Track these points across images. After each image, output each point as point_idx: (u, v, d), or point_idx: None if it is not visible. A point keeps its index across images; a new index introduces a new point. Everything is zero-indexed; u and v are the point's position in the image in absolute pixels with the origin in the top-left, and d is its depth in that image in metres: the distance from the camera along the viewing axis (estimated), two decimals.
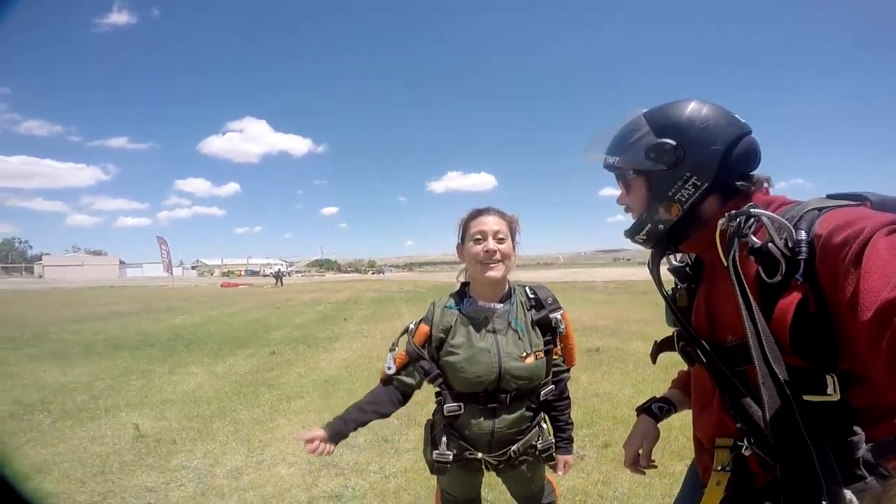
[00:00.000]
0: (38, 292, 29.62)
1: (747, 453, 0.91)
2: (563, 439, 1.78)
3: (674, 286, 1.13)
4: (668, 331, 1.17)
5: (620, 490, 3.00)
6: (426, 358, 1.63)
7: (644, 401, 1.36)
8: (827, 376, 0.77)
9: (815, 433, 0.74)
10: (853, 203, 0.85)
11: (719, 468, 0.97)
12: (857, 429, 0.78)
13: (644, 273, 1.27)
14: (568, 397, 1.82)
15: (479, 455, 1.63)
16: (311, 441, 1.54)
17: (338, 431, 1.59)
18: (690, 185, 0.96)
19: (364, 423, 1.65)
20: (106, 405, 5.15)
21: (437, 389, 1.68)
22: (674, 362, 1.20)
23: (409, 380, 1.67)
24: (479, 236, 1.60)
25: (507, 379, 1.57)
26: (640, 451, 1.29)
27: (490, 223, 1.61)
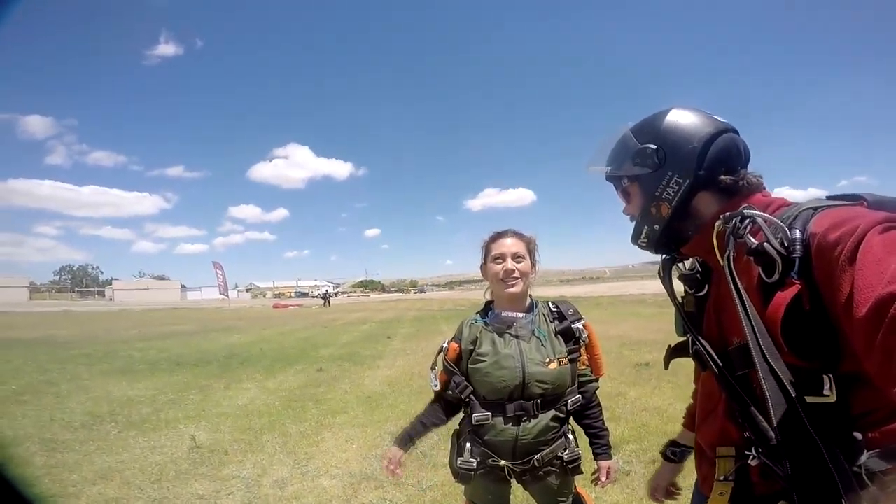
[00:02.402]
0: (108, 314, 31.86)
1: (754, 463, 0.89)
2: (602, 445, 1.78)
3: (684, 293, 1.14)
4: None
5: None
6: (457, 373, 1.74)
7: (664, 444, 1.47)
8: (823, 376, 0.76)
9: (824, 432, 0.73)
10: (849, 203, 0.85)
11: (722, 478, 0.96)
12: (857, 434, 0.75)
13: None
14: (598, 404, 1.83)
15: (502, 463, 1.65)
16: (391, 463, 1.76)
17: (406, 442, 1.80)
18: (674, 184, 1.00)
19: (425, 433, 1.83)
20: (167, 417, 5.49)
21: (466, 400, 1.72)
22: None
23: (452, 394, 1.77)
24: (499, 257, 1.73)
25: (532, 384, 1.62)
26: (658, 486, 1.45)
27: (508, 245, 1.74)
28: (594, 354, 1.80)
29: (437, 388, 1.80)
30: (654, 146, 1.02)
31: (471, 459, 1.68)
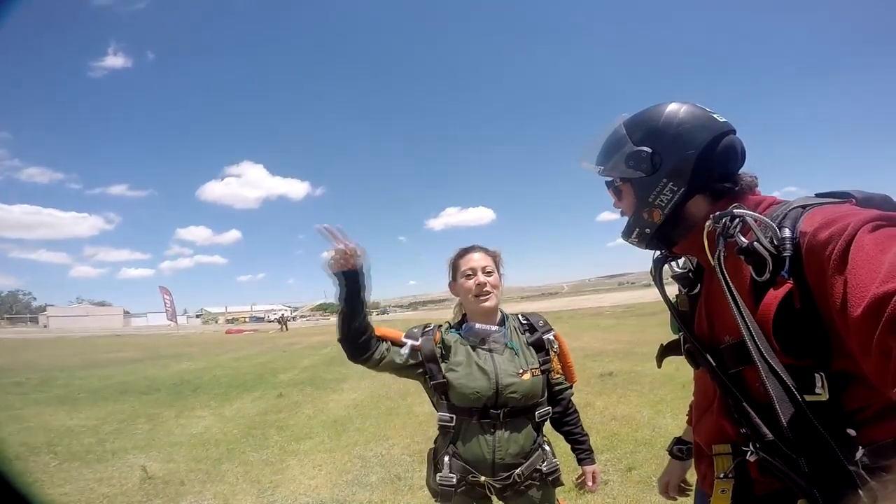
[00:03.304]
0: (44, 340, 29.54)
1: (752, 459, 0.88)
2: (584, 450, 1.81)
3: (677, 292, 1.14)
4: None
5: None
6: (437, 363, 1.68)
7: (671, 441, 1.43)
8: (815, 375, 0.76)
9: (831, 427, 0.73)
10: (838, 201, 0.85)
11: (721, 476, 0.95)
12: (850, 431, 0.75)
13: (652, 294, 1.30)
14: (575, 411, 1.86)
15: (482, 478, 1.62)
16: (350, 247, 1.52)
17: (360, 272, 1.57)
18: (668, 191, 0.98)
19: (364, 298, 1.59)
20: (113, 448, 5.07)
21: (435, 400, 1.70)
22: (691, 380, 1.21)
23: (397, 358, 1.67)
24: (470, 272, 1.74)
25: (505, 395, 1.62)
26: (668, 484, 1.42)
27: (477, 259, 1.76)
28: (566, 363, 1.83)
29: (406, 353, 1.68)
30: (649, 150, 0.99)
31: (451, 475, 1.63)
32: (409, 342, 1.69)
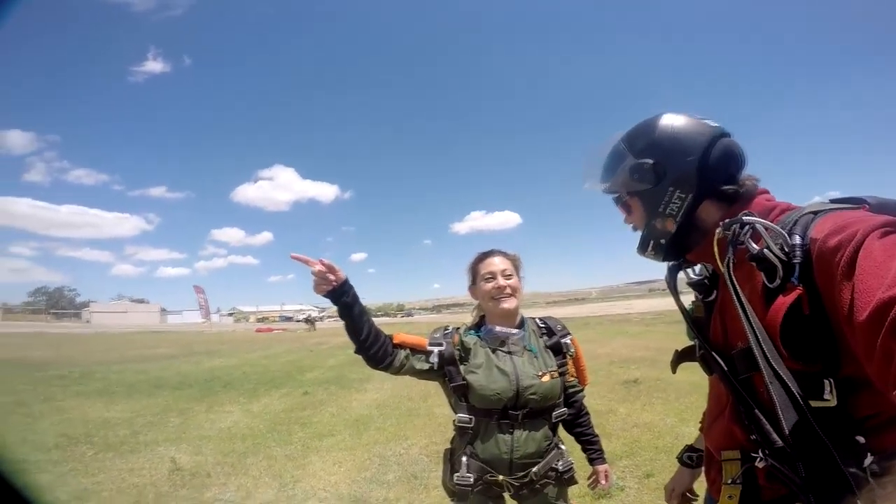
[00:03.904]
0: (85, 336, 30.91)
1: (761, 465, 0.88)
2: (596, 450, 1.85)
3: (693, 299, 1.14)
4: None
5: None
6: (456, 366, 1.68)
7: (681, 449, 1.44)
8: (824, 381, 0.75)
9: (828, 435, 0.73)
10: (851, 207, 0.85)
11: (729, 481, 0.95)
12: (859, 438, 0.75)
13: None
14: (587, 413, 1.90)
15: (500, 477, 1.63)
16: (321, 269, 1.52)
17: (345, 289, 1.56)
18: (676, 199, 0.99)
19: (359, 311, 1.59)
20: (146, 440, 5.28)
21: (454, 402, 1.70)
22: None
23: (418, 364, 1.67)
24: (489, 276, 1.75)
25: (525, 397, 1.64)
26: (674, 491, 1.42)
27: (497, 263, 1.78)
28: (580, 366, 1.88)
29: (433, 361, 1.68)
30: (651, 161, 1.00)
31: (468, 475, 1.64)
32: (436, 349, 1.69)
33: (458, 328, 1.82)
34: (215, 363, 13.60)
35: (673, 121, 1.01)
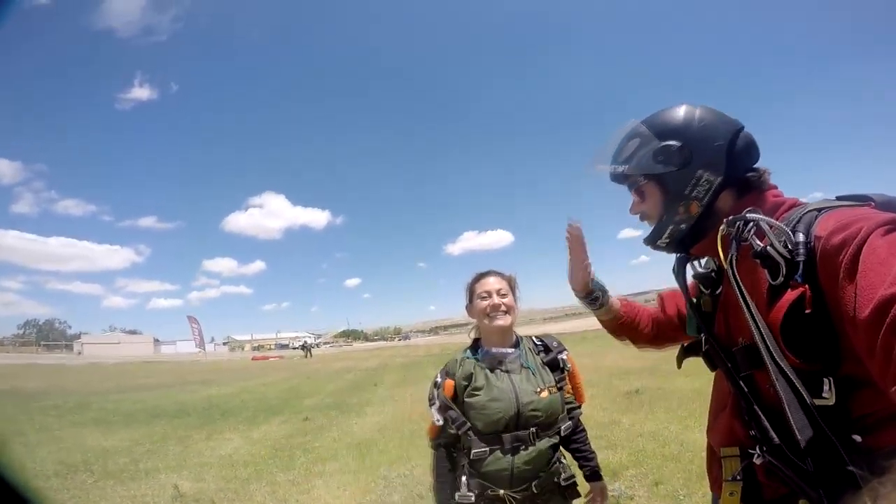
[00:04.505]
0: (79, 367, 30.40)
1: (758, 461, 0.87)
2: (592, 467, 1.84)
3: (699, 293, 1.12)
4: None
5: None
6: (454, 408, 1.73)
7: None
8: (824, 379, 0.76)
9: (837, 432, 0.74)
10: (856, 204, 0.85)
11: (730, 478, 0.95)
12: (856, 437, 0.75)
13: None
14: (584, 429, 1.90)
15: (501, 492, 1.64)
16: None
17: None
18: (704, 182, 0.97)
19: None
20: (146, 467, 5.21)
21: (461, 435, 1.72)
22: None
23: (450, 431, 1.74)
24: (485, 294, 1.81)
25: (525, 413, 1.66)
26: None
27: (492, 283, 1.84)
28: (576, 383, 1.88)
29: (440, 422, 1.77)
30: (677, 143, 0.98)
31: (468, 493, 1.65)
32: (435, 412, 1.76)
33: (457, 359, 1.83)
34: (213, 391, 13.44)
35: (696, 109, 1.01)
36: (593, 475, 1.83)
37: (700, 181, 0.98)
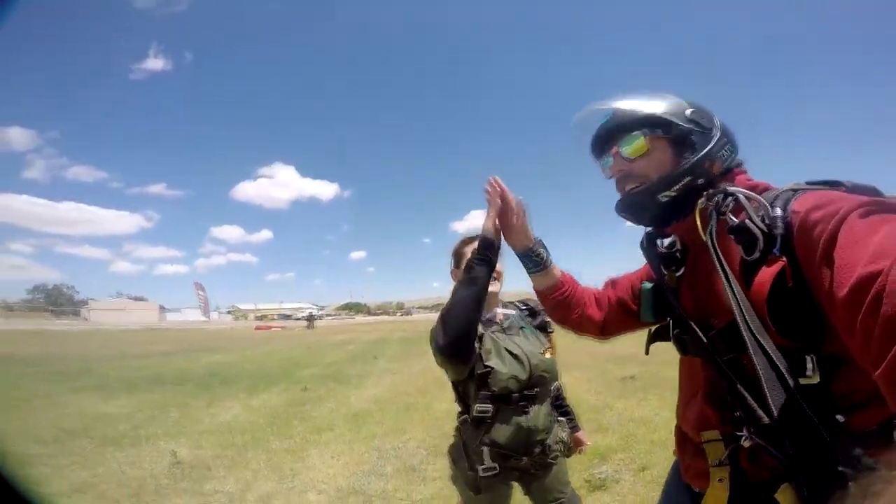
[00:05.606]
0: (84, 333, 30.95)
1: (746, 444, 0.85)
2: (571, 419, 1.94)
3: (662, 272, 1.08)
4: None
5: None
6: (477, 353, 1.65)
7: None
8: (806, 357, 0.74)
9: (820, 411, 0.72)
10: (829, 187, 0.84)
11: (717, 463, 0.92)
12: (839, 417, 0.73)
13: None
14: (561, 387, 1.92)
15: (524, 460, 1.64)
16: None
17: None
18: (727, 149, 0.97)
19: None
20: (146, 434, 5.29)
21: (473, 392, 1.66)
22: None
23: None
24: None
25: (537, 374, 1.66)
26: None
27: None
28: (553, 342, 1.90)
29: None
30: (708, 111, 1.00)
31: (493, 464, 1.62)
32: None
33: None
34: (214, 359, 13.66)
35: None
36: (575, 426, 1.94)
37: (724, 146, 0.98)
